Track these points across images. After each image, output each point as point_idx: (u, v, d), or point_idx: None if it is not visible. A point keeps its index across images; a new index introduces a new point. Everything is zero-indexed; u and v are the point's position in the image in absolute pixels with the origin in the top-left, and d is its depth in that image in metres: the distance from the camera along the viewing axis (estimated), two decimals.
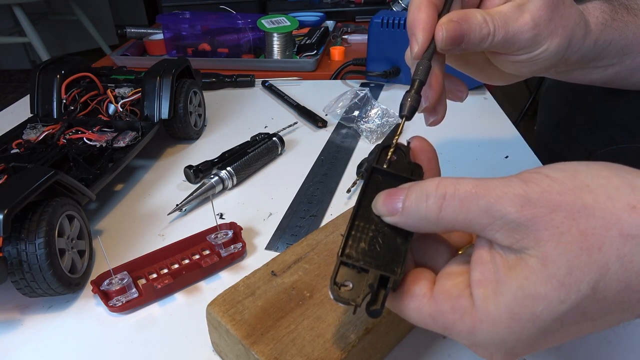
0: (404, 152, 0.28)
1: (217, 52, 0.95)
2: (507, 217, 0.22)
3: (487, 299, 0.23)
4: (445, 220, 0.24)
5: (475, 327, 0.23)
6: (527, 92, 2.03)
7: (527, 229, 0.22)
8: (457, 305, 0.24)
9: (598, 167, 0.23)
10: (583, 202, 0.21)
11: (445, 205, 0.23)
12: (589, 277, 0.21)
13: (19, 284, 0.37)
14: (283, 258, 0.36)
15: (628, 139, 0.54)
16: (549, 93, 0.70)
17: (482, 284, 0.23)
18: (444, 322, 0.24)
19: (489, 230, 0.23)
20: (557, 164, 0.24)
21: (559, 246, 0.21)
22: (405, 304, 0.25)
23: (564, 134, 0.64)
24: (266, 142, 0.60)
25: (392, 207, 0.25)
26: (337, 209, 0.51)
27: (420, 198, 0.24)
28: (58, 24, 3.00)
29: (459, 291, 0.24)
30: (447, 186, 0.24)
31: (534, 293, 0.21)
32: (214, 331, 0.33)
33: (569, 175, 0.23)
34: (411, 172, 0.28)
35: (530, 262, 0.22)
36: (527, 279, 0.22)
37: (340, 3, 1.30)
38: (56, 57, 0.65)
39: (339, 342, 0.30)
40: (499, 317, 0.22)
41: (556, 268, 0.21)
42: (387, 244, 0.26)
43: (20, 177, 0.38)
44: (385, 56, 0.80)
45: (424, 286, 0.25)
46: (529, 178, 0.23)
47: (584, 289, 0.21)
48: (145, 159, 0.62)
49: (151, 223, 0.50)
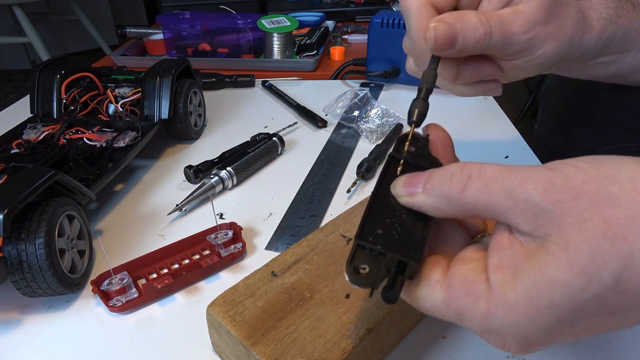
0: (422, 143, 0.28)
1: (217, 52, 0.95)
2: (530, 201, 0.22)
3: (505, 284, 0.22)
4: (467, 201, 0.23)
5: (490, 311, 0.22)
6: (527, 92, 2.03)
7: (550, 214, 0.21)
8: (472, 290, 0.23)
9: (625, 160, 0.23)
10: (607, 191, 0.21)
11: (469, 184, 0.23)
12: (612, 266, 0.20)
13: (19, 284, 0.37)
14: (283, 258, 0.36)
15: (628, 137, 0.54)
16: (549, 93, 0.70)
17: (500, 269, 0.23)
18: (457, 307, 0.23)
19: (510, 215, 0.22)
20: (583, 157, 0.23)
21: (581, 233, 0.21)
22: (418, 290, 0.25)
23: (564, 134, 0.64)
24: (266, 142, 0.60)
25: (414, 188, 0.25)
26: (337, 209, 0.51)
27: (444, 178, 0.24)
28: (58, 24, 3.00)
29: (475, 276, 0.23)
30: (472, 168, 0.23)
31: (554, 279, 0.21)
32: (214, 332, 0.33)
33: (594, 166, 0.22)
34: (430, 163, 0.27)
35: (551, 249, 0.21)
36: (547, 265, 0.21)
37: (340, 3, 1.30)
38: (56, 57, 0.65)
39: (340, 342, 0.30)
40: (516, 302, 0.22)
41: (578, 255, 0.21)
42: (405, 230, 0.25)
43: (20, 177, 0.38)
44: (385, 56, 0.80)
45: (437, 272, 0.25)
46: (554, 167, 0.23)
47: (606, 278, 0.20)
48: (145, 159, 0.62)
49: (151, 223, 0.50)
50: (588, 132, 0.59)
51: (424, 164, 0.27)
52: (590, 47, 0.38)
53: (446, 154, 0.29)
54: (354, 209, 0.42)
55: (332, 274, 0.35)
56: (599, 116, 0.58)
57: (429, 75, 0.31)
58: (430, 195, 0.24)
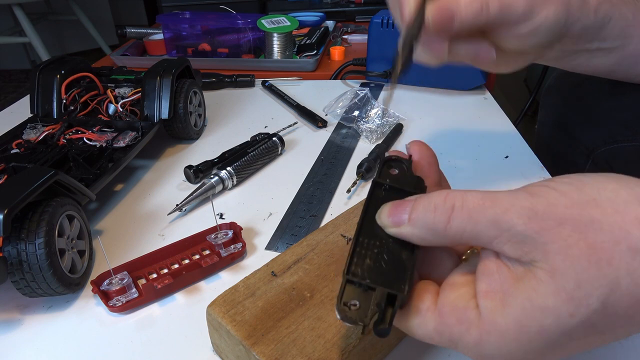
0: (405, 165, 0.28)
1: (217, 52, 0.95)
2: (515, 230, 0.22)
3: (495, 311, 0.22)
4: (453, 232, 0.23)
5: (482, 339, 0.23)
6: (527, 92, 2.03)
7: (535, 242, 0.22)
8: (463, 318, 0.23)
9: (605, 179, 0.23)
10: (590, 215, 0.21)
11: (453, 216, 0.23)
12: (599, 291, 0.20)
13: (19, 284, 0.37)
14: (283, 258, 0.36)
15: (629, 137, 0.54)
16: (549, 92, 0.70)
17: (489, 295, 0.23)
18: (450, 335, 0.24)
19: (496, 243, 0.23)
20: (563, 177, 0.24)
21: (567, 259, 0.21)
22: (409, 320, 0.25)
23: (564, 133, 0.64)
24: (266, 142, 0.60)
25: (398, 218, 0.25)
26: (337, 209, 0.51)
27: (428, 209, 0.24)
28: (58, 24, 3.00)
29: (465, 302, 0.24)
30: (455, 198, 0.23)
31: (543, 305, 0.21)
32: (214, 332, 0.33)
33: (576, 189, 0.22)
34: (414, 185, 0.27)
35: (538, 274, 0.21)
36: (535, 291, 0.21)
37: (340, 3, 1.29)
38: (56, 57, 0.65)
39: (340, 342, 0.30)
40: (506, 329, 0.22)
41: (565, 281, 0.21)
42: (393, 260, 0.26)
43: (20, 177, 0.38)
44: (385, 56, 0.80)
45: (427, 300, 0.25)
46: (535, 191, 0.23)
47: (594, 303, 0.21)
48: (145, 159, 0.62)
49: (151, 223, 0.50)
50: (588, 131, 0.59)
51: (408, 188, 0.27)
52: (590, 20, 0.38)
53: (430, 172, 0.29)
54: (354, 209, 0.42)
55: (332, 274, 0.35)
56: (599, 116, 0.58)
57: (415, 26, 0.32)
58: (415, 227, 0.24)
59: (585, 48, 0.42)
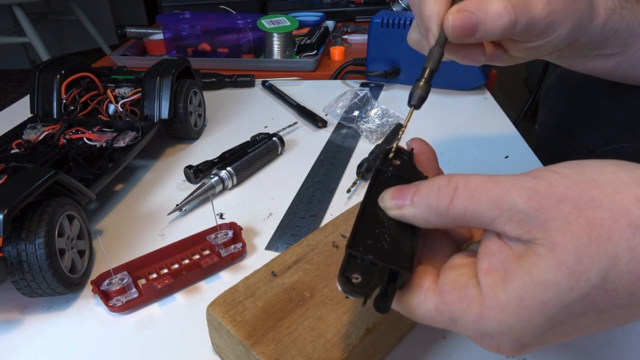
0: (407, 157, 0.29)
1: (217, 52, 0.95)
2: (516, 208, 0.22)
3: (496, 287, 0.23)
4: (455, 212, 0.24)
5: (483, 315, 0.23)
6: (527, 92, 2.03)
7: (535, 220, 0.22)
8: (463, 295, 0.23)
9: (604, 163, 0.23)
10: (590, 195, 0.22)
11: (456, 196, 0.23)
12: (599, 266, 0.21)
13: (19, 284, 0.37)
14: (283, 258, 0.36)
15: (629, 137, 0.54)
16: (550, 92, 0.70)
17: (490, 272, 0.23)
18: (450, 313, 0.24)
19: (497, 223, 0.23)
20: (564, 162, 0.24)
21: (567, 234, 0.21)
22: (410, 299, 0.25)
23: (565, 133, 0.64)
24: (266, 142, 0.60)
25: (402, 200, 0.25)
26: (337, 209, 0.51)
27: (431, 190, 0.24)
28: (58, 24, 3.00)
29: (465, 280, 0.24)
30: (458, 180, 0.24)
31: (543, 280, 0.21)
32: (214, 332, 0.33)
33: (576, 171, 0.23)
34: (416, 175, 0.28)
35: (538, 250, 0.22)
36: (536, 266, 0.22)
37: (340, 3, 1.29)
38: (56, 57, 0.65)
39: (340, 342, 0.30)
40: (507, 304, 0.22)
41: (565, 255, 0.21)
42: (395, 241, 0.26)
43: (20, 177, 0.38)
44: (385, 56, 0.80)
45: (428, 280, 0.25)
46: (537, 174, 0.23)
47: (594, 278, 0.21)
48: (145, 159, 0.62)
49: (151, 223, 0.50)
50: (588, 132, 0.59)
51: (409, 177, 0.27)
52: (596, 34, 0.38)
53: (430, 167, 0.29)
54: (354, 209, 0.42)
55: (332, 274, 0.35)
56: (600, 116, 0.58)
57: (435, 54, 0.30)
58: (418, 208, 0.25)
59: (584, 54, 0.42)
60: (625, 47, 0.42)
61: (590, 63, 0.44)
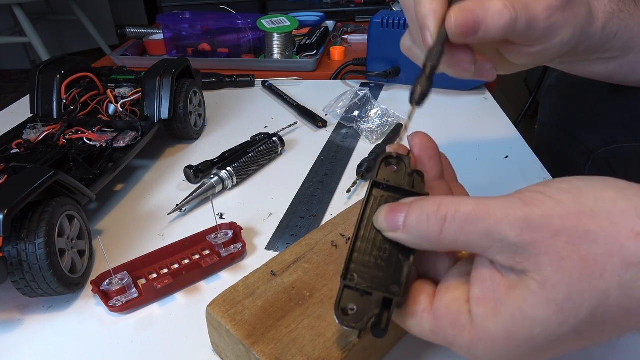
0: (404, 162, 0.28)
1: (217, 52, 0.95)
2: (508, 241, 0.22)
3: (486, 318, 0.23)
4: (446, 242, 0.24)
5: (473, 343, 0.24)
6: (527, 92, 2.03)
7: (528, 253, 0.22)
8: (456, 322, 0.24)
9: (603, 187, 0.23)
10: (585, 227, 0.21)
11: (445, 227, 0.23)
12: (588, 302, 0.21)
13: (19, 284, 0.37)
14: (282, 258, 0.36)
15: (629, 137, 0.54)
16: (550, 92, 0.70)
17: (481, 302, 0.23)
18: (445, 337, 0.25)
19: (489, 253, 0.23)
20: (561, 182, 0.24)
21: (559, 271, 0.21)
22: (406, 320, 0.26)
23: (565, 134, 0.64)
24: (266, 142, 0.60)
25: (394, 223, 0.25)
26: (337, 209, 0.51)
27: (421, 218, 0.24)
28: (58, 24, 3.00)
29: (458, 306, 0.24)
30: (447, 207, 0.24)
31: (532, 316, 0.22)
32: (214, 331, 0.33)
33: (572, 198, 0.22)
34: (412, 183, 0.27)
35: (529, 285, 0.22)
36: (526, 302, 0.22)
37: (340, 3, 1.29)
38: (56, 57, 0.65)
39: (340, 341, 0.30)
40: (496, 336, 0.23)
41: (555, 292, 0.21)
42: (390, 262, 0.26)
43: (20, 177, 0.38)
44: (385, 56, 0.80)
45: (423, 301, 0.26)
46: (530, 199, 0.23)
47: (582, 314, 0.21)
48: (145, 159, 0.62)
49: (151, 223, 0.50)
50: (588, 132, 0.59)
51: (406, 187, 0.27)
52: (595, 38, 0.38)
53: (431, 166, 0.29)
54: (353, 208, 0.42)
55: (332, 273, 0.35)
56: (600, 116, 0.58)
57: (436, 52, 0.30)
58: (409, 235, 0.25)
59: (585, 59, 0.42)
60: (626, 50, 0.42)
61: (591, 67, 0.44)
